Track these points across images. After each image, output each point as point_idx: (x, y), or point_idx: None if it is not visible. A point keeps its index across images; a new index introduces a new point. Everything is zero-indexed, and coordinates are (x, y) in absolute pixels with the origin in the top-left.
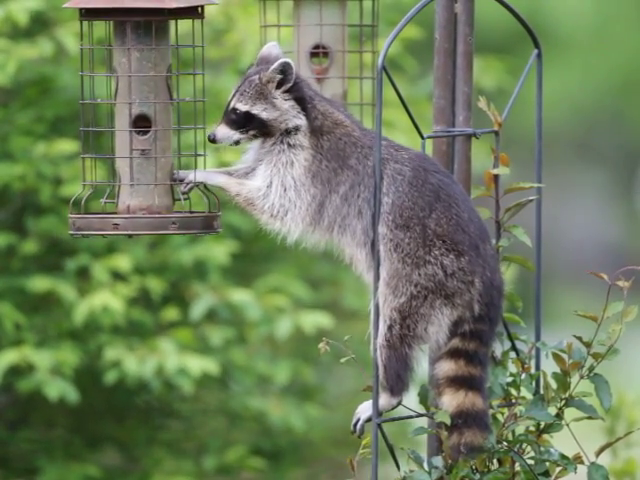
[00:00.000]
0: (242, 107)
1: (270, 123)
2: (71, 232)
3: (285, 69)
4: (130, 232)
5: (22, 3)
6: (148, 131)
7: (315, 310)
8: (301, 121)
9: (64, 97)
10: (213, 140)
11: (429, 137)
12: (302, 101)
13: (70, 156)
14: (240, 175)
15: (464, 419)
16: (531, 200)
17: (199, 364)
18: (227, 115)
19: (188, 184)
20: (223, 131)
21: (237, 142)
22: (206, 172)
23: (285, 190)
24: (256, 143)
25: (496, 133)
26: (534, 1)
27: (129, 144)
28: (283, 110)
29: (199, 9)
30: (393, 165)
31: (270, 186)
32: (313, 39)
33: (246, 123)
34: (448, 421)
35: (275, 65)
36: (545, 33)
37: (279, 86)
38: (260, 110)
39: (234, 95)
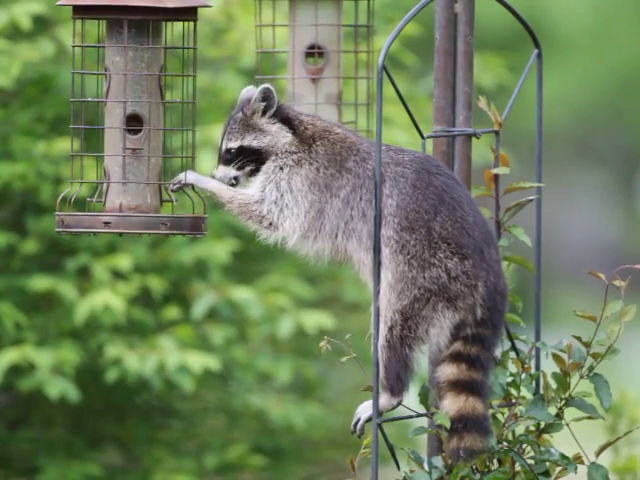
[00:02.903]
0: (234, 144)
1: (263, 150)
2: (59, 230)
3: (267, 94)
4: (121, 231)
5: (24, 6)
6: (140, 130)
7: (316, 309)
8: (289, 137)
9: (64, 96)
10: None
11: (429, 137)
12: (288, 121)
13: (69, 155)
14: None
15: (464, 423)
16: (531, 200)
17: (200, 361)
18: (222, 157)
19: (176, 184)
20: (221, 170)
21: (236, 179)
22: (198, 175)
23: (282, 196)
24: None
25: (496, 133)
26: (533, 1)
27: (120, 143)
28: (272, 133)
29: (195, 11)
30: (394, 168)
31: (265, 192)
32: (308, 39)
33: (241, 158)
34: (448, 424)
35: (256, 94)
36: (544, 34)
37: (264, 114)
38: (251, 140)
39: (223, 137)
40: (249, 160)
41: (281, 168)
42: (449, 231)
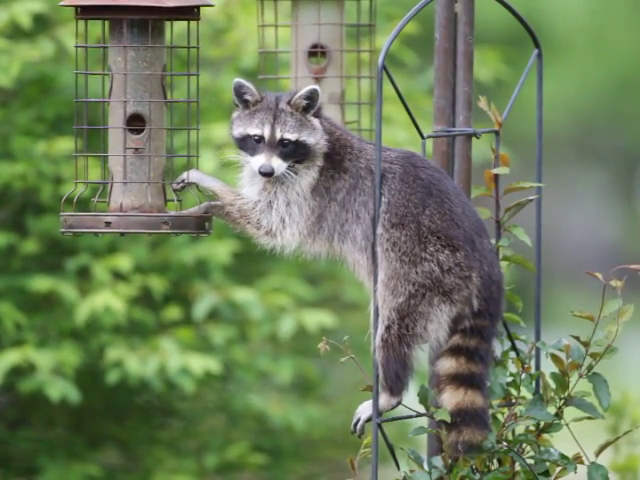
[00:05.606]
0: (291, 136)
1: (313, 148)
2: (63, 230)
3: (313, 95)
4: (122, 230)
5: (24, 5)
6: (142, 130)
7: (317, 308)
8: (326, 142)
9: (64, 96)
10: (271, 173)
11: (429, 137)
12: (321, 122)
13: (70, 155)
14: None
15: (462, 417)
16: (531, 200)
17: (201, 363)
18: (275, 146)
19: (180, 183)
20: (278, 162)
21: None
22: (201, 174)
23: (288, 204)
24: (249, 176)
25: (496, 133)
26: (532, 2)
27: (122, 142)
28: (321, 132)
29: (195, 9)
30: (382, 165)
31: (268, 199)
32: (311, 38)
33: (294, 152)
34: (448, 419)
35: (302, 91)
36: (543, 35)
37: (305, 111)
38: (307, 136)
39: (273, 126)
40: (298, 154)
41: (295, 173)
42: (438, 224)
